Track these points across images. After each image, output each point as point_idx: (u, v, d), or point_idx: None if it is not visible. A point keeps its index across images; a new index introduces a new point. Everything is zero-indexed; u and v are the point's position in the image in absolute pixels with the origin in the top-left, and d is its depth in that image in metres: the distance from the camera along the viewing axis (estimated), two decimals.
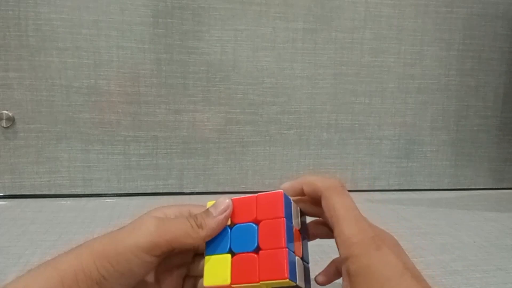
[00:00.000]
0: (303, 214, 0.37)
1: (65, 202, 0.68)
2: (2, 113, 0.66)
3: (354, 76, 0.75)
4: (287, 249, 0.31)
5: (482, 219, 0.66)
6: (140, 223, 0.31)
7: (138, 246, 0.29)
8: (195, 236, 0.31)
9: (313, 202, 0.36)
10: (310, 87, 0.74)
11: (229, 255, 0.32)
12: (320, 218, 0.37)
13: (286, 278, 0.30)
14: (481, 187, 0.83)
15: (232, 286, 0.31)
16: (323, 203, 0.33)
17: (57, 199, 0.69)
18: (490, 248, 0.55)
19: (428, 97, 0.79)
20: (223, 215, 0.32)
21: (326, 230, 0.37)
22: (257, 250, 0.32)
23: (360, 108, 0.76)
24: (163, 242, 0.30)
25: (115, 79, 0.68)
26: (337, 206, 0.32)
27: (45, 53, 0.65)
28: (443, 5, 0.76)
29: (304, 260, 0.34)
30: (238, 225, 0.34)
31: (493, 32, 0.78)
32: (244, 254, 0.32)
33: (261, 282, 0.30)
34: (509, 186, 0.84)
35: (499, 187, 0.84)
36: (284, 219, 0.32)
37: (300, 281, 0.32)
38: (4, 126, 0.66)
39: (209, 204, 0.34)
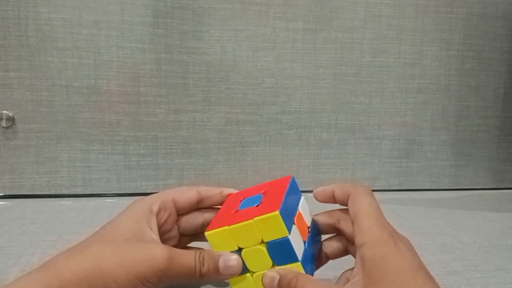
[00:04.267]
0: (317, 231, 0.38)
1: (65, 202, 0.68)
2: (2, 113, 0.66)
3: (354, 76, 0.75)
4: (283, 198, 0.32)
5: (482, 219, 0.66)
6: (152, 250, 0.31)
7: (146, 278, 0.30)
8: (193, 280, 0.32)
9: (340, 204, 0.37)
10: (310, 87, 0.74)
11: (249, 275, 0.33)
12: (334, 235, 0.38)
13: (276, 210, 0.30)
14: (481, 187, 0.83)
15: (228, 227, 0.32)
16: (350, 200, 0.34)
17: (57, 199, 0.69)
18: (490, 248, 0.55)
19: (428, 97, 0.79)
20: (226, 276, 0.32)
21: (339, 245, 0.37)
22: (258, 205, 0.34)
23: (360, 108, 0.76)
24: (166, 280, 0.31)
25: (115, 79, 0.68)
26: (362, 202, 0.33)
27: (45, 53, 0.65)
28: (443, 5, 0.76)
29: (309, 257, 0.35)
30: (248, 198, 0.36)
31: (493, 32, 0.78)
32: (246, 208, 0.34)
33: (255, 219, 0.31)
34: (509, 186, 0.84)
35: (499, 187, 0.84)
36: (288, 186, 0.35)
37: (295, 243, 0.32)
38: (4, 126, 0.66)
39: (210, 237, 0.33)
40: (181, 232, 0.39)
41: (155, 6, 0.67)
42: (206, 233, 0.33)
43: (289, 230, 0.31)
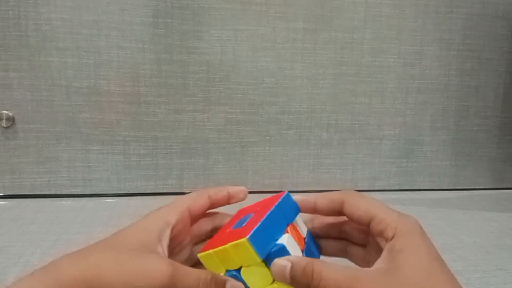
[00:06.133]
0: (314, 242, 0.37)
1: (65, 202, 0.68)
2: (2, 113, 0.66)
3: (354, 76, 0.75)
4: (262, 220, 0.31)
5: (482, 219, 0.66)
6: (153, 265, 0.30)
7: None
8: None
9: (324, 214, 0.36)
10: (310, 87, 0.74)
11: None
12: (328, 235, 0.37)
13: (244, 237, 0.29)
14: (481, 187, 0.83)
15: (212, 251, 0.32)
16: (349, 205, 0.33)
17: (57, 199, 0.69)
18: (490, 248, 0.55)
19: (428, 97, 0.79)
20: None
21: (337, 245, 0.37)
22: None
23: (360, 108, 0.76)
24: None
25: (115, 79, 0.68)
26: (369, 202, 0.33)
27: (45, 53, 0.65)
28: (443, 5, 0.76)
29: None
30: (244, 216, 0.35)
31: (493, 32, 0.78)
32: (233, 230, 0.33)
33: (228, 244, 0.30)
34: (509, 186, 0.84)
35: (499, 187, 0.84)
36: (274, 205, 0.33)
37: (292, 249, 0.31)
38: (4, 126, 0.66)
39: (202, 259, 0.32)
40: (193, 241, 0.39)
41: (155, 6, 0.67)
42: (198, 255, 0.33)
43: (263, 254, 0.30)
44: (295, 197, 0.36)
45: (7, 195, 0.68)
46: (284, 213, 0.33)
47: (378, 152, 0.79)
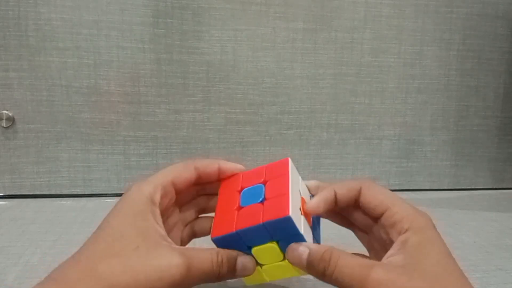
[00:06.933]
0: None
1: (65, 202, 0.68)
2: (2, 113, 0.66)
3: (354, 76, 0.75)
4: (290, 195, 0.32)
5: (482, 219, 0.66)
6: (165, 262, 0.29)
7: None
8: (209, 282, 0.31)
9: (345, 205, 0.36)
10: (310, 87, 0.74)
11: (259, 267, 0.33)
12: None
13: (287, 213, 0.30)
14: (481, 187, 0.83)
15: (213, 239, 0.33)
16: (365, 195, 0.34)
17: (57, 199, 0.69)
18: (490, 248, 0.55)
19: (428, 97, 0.79)
20: (240, 276, 0.32)
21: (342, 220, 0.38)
22: (263, 202, 0.33)
23: (360, 108, 0.76)
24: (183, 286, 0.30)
25: (115, 79, 0.68)
26: (385, 193, 0.33)
27: (45, 53, 0.65)
28: (443, 5, 0.76)
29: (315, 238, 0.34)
30: (248, 188, 0.35)
31: (493, 32, 0.78)
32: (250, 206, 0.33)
33: (265, 222, 0.31)
34: (509, 186, 0.84)
35: (499, 187, 0.84)
36: (289, 175, 0.34)
37: (306, 235, 0.31)
38: (4, 126, 0.66)
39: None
40: (178, 204, 0.38)
41: (155, 6, 0.67)
42: (213, 239, 0.33)
43: (300, 228, 0.31)
44: (312, 183, 0.37)
45: (7, 195, 0.68)
46: (272, 232, 0.31)
47: (378, 152, 0.79)
